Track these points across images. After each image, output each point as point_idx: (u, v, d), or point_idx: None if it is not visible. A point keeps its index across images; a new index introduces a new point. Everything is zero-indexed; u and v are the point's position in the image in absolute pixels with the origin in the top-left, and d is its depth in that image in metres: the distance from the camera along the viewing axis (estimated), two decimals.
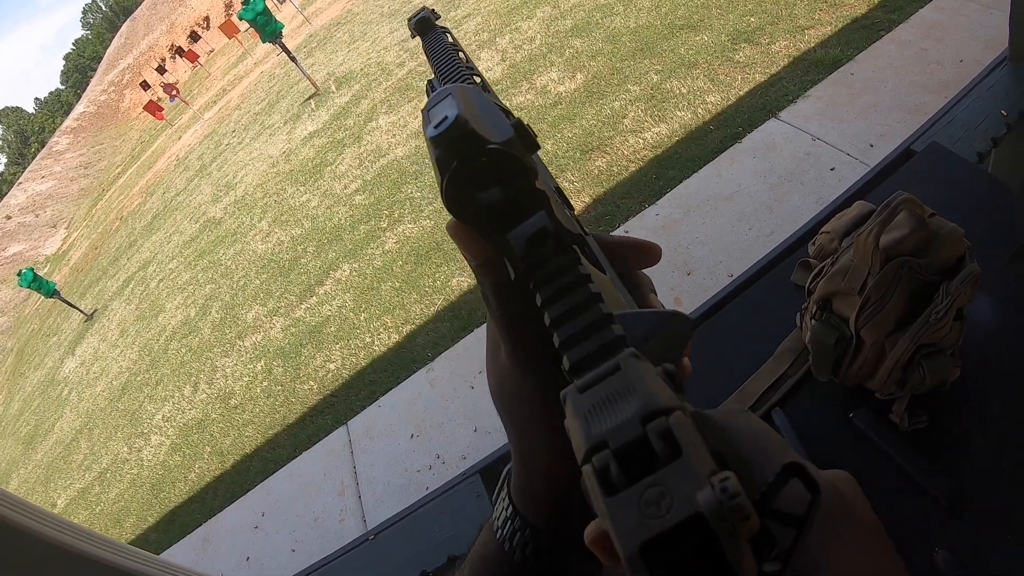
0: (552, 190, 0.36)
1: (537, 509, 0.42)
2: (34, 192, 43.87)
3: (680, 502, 0.18)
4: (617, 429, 0.21)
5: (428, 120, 0.31)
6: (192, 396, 6.30)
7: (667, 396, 0.22)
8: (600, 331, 0.27)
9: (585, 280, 0.29)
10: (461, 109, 0.30)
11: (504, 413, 0.41)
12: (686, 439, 0.20)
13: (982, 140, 1.53)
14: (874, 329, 0.97)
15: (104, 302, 12.26)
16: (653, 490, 0.19)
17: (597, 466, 0.21)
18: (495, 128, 0.31)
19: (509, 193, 0.31)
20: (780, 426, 1.12)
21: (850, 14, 4.36)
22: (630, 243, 0.43)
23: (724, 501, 0.18)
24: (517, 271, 0.32)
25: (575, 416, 0.23)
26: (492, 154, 0.29)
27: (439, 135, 0.29)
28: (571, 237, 0.32)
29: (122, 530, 5.45)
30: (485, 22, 8.55)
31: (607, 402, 0.22)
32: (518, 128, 0.31)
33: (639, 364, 0.23)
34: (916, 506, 0.99)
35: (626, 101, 5.08)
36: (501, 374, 0.40)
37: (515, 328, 0.37)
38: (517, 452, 0.42)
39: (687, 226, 3.67)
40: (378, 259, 5.64)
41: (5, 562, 1.03)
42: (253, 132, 12.95)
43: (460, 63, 0.48)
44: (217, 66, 32.15)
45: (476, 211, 0.31)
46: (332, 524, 3.64)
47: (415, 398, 3.95)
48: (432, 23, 0.54)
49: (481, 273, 0.36)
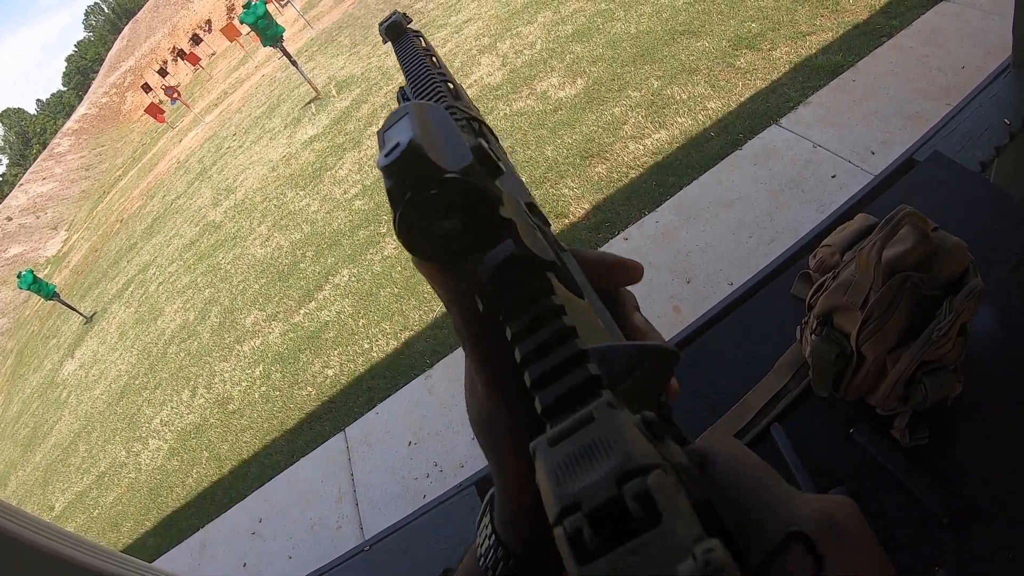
0: (523, 211, 0.34)
1: (520, 538, 0.41)
2: (35, 194, 43.95)
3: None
4: (590, 489, 0.19)
5: (383, 144, 0.28)
6: (190, 401, 6.29)
7: (645, 452, 0.20)
8: (574, 371, 0.25)
9: (558, 312, 0.27)
10: (416, 133, 0.27)
11: (484, 443, 0.40)
12: (666, 502, 0.18)
13: (985, 149, 1.51)
14: (875, 345, 0.95)
15: (104, 305, 12.25)
16: (630, 559, 0.17)
17: (569, 530, 0.19)
18: (453, 153, 0.28)
19: (470, 223, 0.28)
20: (779, 442, 1.10)
21: (851, 20, 4.35)
22: (610, 261, 0.42)
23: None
24: (485, 304, 0.30)
25: (545, 472, 0.21)
26: (448, 183, 0.27)
27: (390, 164, 0.26)
28: (542, 264, 0.29)
29: (119, 534, 5.43)
30: (486, 27, 8.56)
31: (580, 457, 0.20)
32: (477, 152, 0.29)
33: (615, 414, 0.21)
34: (917, 523, 0.97)
35: (627, 107, 5.07)
36: (478, 404, 0.39)
37: (489, 364, 0.36)
38: (498, 481, 0.41)
39: (687, 233, 3.66)
40: (377, 264, 5.63)
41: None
42: (254, 136, 12.97)
43: (431, 69, 0.46)
44: (219, 69, 32.25)
45: (435, 243, 0.29)
46: (329, 531, 3.63)
47: (413, 405, 3.93)
48: (403, 27, 0.52)
49: (451, 307, 0.34)
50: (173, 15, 57.50)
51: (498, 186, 0.29)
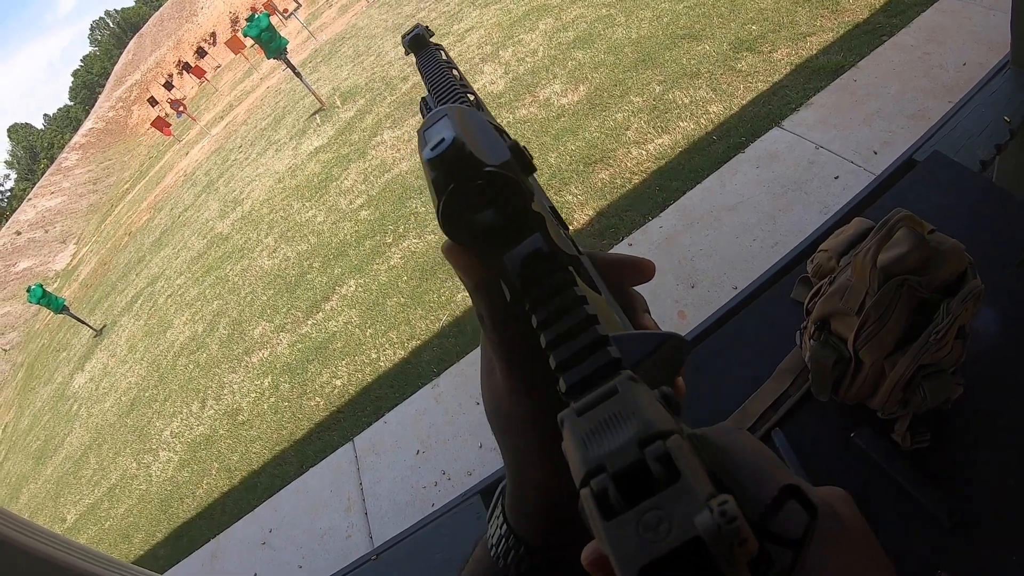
0: (547, 211, 0.36)
1: (531, 527, 0.42)
2: (43, 208, 44.25)
3: (678, 526, 0.19)
4: (615, 453, 0.21)
5: (424, 141, 0.31)
6: (200, 412, 6.31)
7: (664, 419, 0.22)
8: (596, 353, 0.27)
9: (581, 302, 0.29)
10: (458, 131, 0.30)
11: (498, 432, 0.42)
12: (684, 462, 0.20)
13: (985, 148, 1.51)
14: (873, 350, 0.95)
15: (113, 318, 12.32)
16: (652, 514, 0.19)
17: (595, 490, 0.21)
18: (492, 150, 0.31)
19: (505, 215, 0.31)
20: (780, 447, 1.10)
21: (852, 20, 4.35)
22: (623, 261, 0.43)
23: (722, 525, 0.18)
24: (513, 292, 0.33)
25: (573, 439, 0.23)
26: (489, 176, 0.29)
27: (436, 157, 0.29)
28: (566, 258, 0.32)
29: (131, 546, 5.45)
30: (488, 35, 8.59)
31: (604, 425, 0.22)
32: (514, 150, 0.31)
33: (636, 387, 0.23)
34: (918, 526, 0.97)
35: (629, 112, 5.08)
36: (496, 393, 0.40)
37: (510, 349, 0.38)
38: (511, 470, 0.42)
39: (690, 238, 3.66)
40: (383, 274, 5.65)
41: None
42: (259, 147, 13.04)
43: (454, 81, 0.48)
44: (224, 81, 32.48)
45: (472, 233, 0.31)
46: (339, 541, 3.63)
47: (421, 414, 3.93)
48: (426, 40, 0.54)
49: (476, 294, 0.36)
50: (178, 28, 57.94)
51: (530, 183, 0.32)
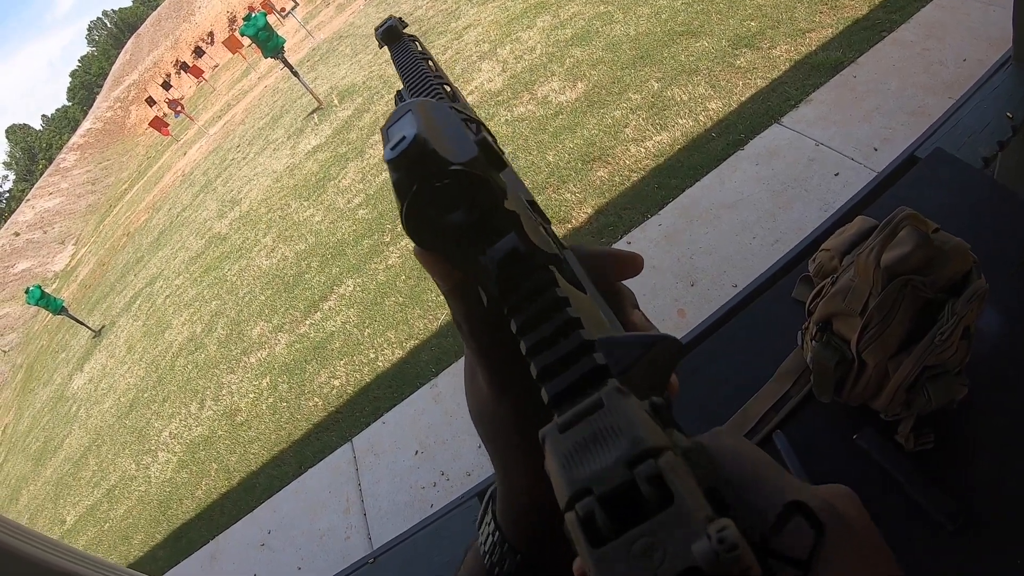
0: (525, 206, 0.35)
1: (522, 532, 0.41)
2: (42, 209, 44.26)
3: (673, 555, 0.17)
4: (602, 474, 0.19)
5: (387, 139, 0.29)
6: (199, 413, 6.30)
7: (655, 435, 0.20)
8: (580, 360, 0.25)
9: (562, 304, 0.27)
10: (420, 127, 0.28)
11: (484, 437, 0.41)
12: (678, 482, 0.18)
13: (987, 144, 1.49)
14: (876, 351, 0.93)
15: (112, 318, 12.31)
16: (644, 541, 0.18)
17: (581, 514, 0.19)
18: (458, 146, 0.29)
19: (475, 215, 0.29)
20: (781, 449, 1.08)
21: (851, 15, 4.33)
22: (610, 255, 0.41)
23: (721, 553, 0.16)
24: (490, 296, 0.31)
25: (555, 459, 0.21)
26: (455, 175, 0.27)
27: (397, 156, 0.27)
28: (545, 257, 0.30)
29: (130, 547, 5.45)
30: (485, 33, 8.56)
31: (590, 443, 0.21)
32: (482, 145, 0.29)
33: (624, 400, 0.21)
34: (922, 529, 0.95)
35: (627, 110, 5.06)
36: (479, 399, 0.39)
37: (490, 354, 0.37)
38: (500, 475, 0.41)
39: (690, 236, 3.64)
40: (382, 274, 5.63)
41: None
42: (257, 147, 13.02)
43: (429, 72, 0.46)
44: (222, 81, 32.48)
45: (441, 236, 0.29)
46: (338, 542, 3.62)
47: (419, 414, 3.92)
48: (399, 32, 0.52)
49: (452, 299, 0.35)
50: (175, 28, 57.88)
51: (502, 179, 0.30)
